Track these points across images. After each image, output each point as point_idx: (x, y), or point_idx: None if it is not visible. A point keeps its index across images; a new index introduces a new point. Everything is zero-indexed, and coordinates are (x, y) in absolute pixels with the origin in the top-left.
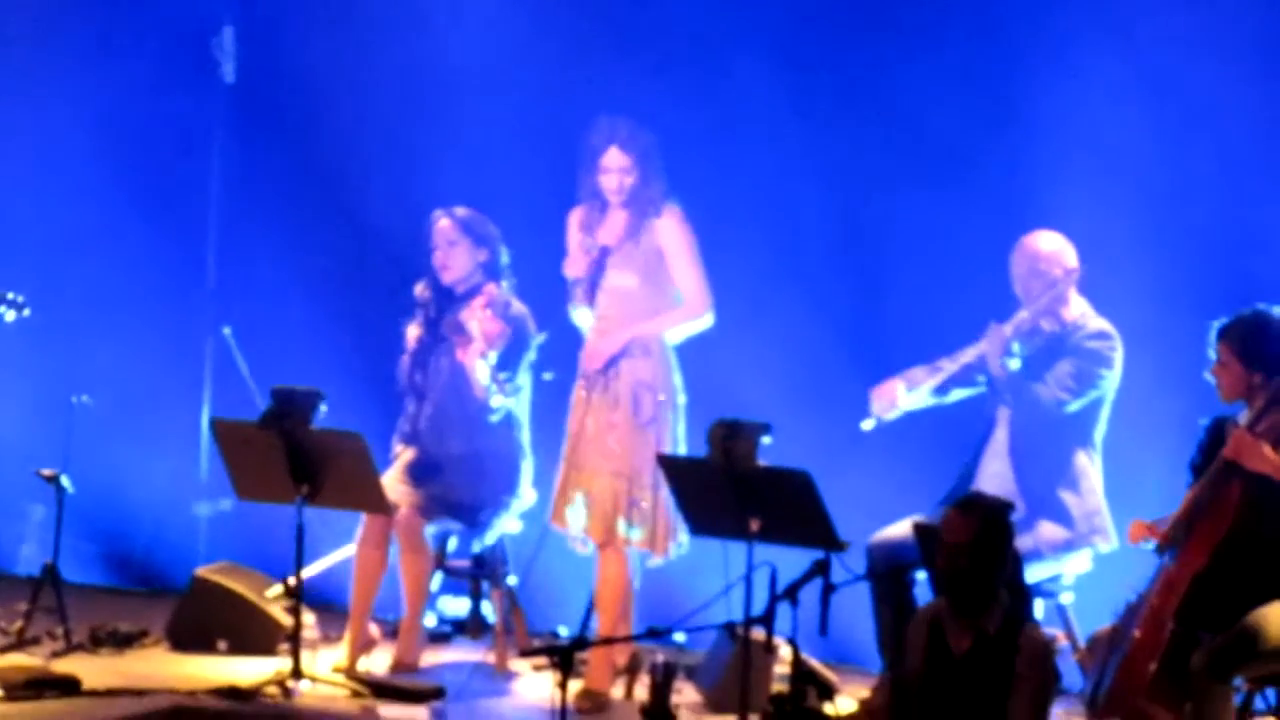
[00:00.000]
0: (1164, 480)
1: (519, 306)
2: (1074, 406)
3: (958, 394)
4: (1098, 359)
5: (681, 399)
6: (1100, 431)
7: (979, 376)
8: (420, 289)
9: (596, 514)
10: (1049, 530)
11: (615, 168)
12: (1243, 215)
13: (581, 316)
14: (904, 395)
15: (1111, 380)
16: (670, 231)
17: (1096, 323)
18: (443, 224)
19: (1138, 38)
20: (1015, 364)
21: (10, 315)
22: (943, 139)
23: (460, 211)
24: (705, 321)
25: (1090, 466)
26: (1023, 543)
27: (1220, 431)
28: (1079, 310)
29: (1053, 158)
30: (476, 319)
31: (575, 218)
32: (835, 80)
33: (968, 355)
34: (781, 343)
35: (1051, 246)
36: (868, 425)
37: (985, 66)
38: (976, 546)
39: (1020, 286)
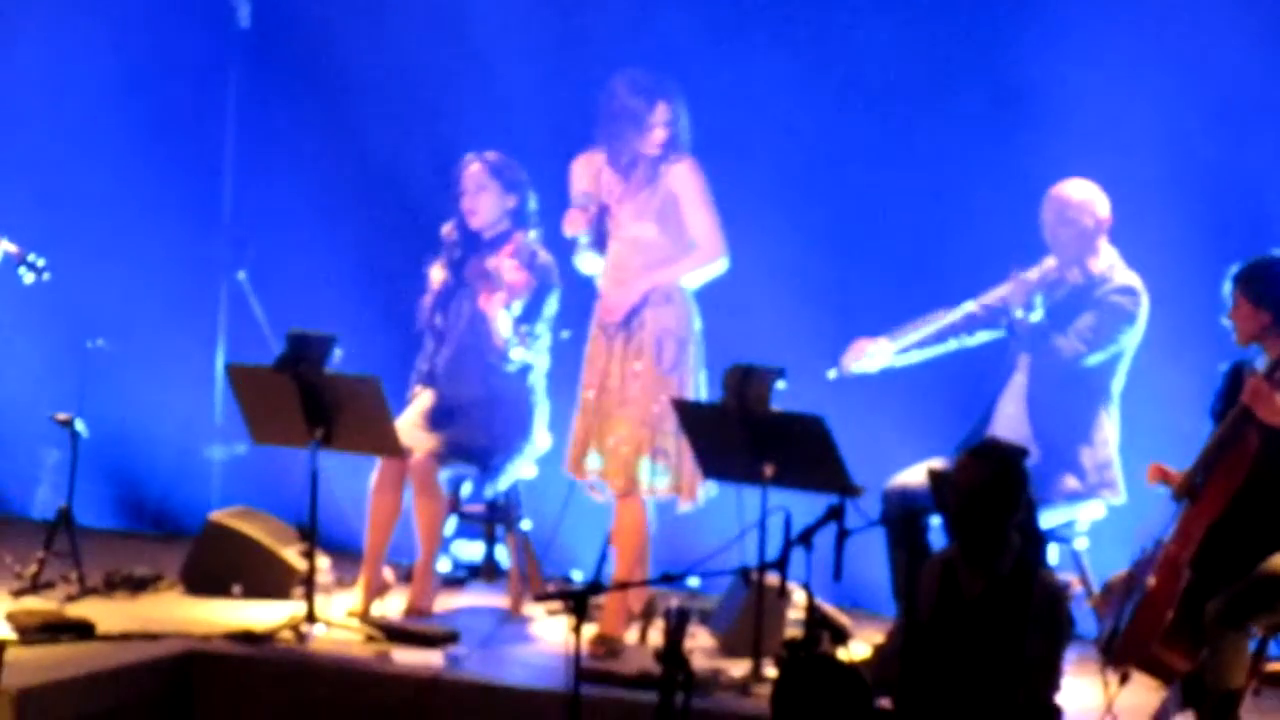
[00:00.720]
0: (1185, 432)
1: (545, 256)
2: (1093, 360)
3: (983, 335)
4: (1120, 313)
5: (700, 344)
6: (1119, 385)
7: (1003, 320)
8: (447, 230)
9: (618, 461)
10: (1066, 481)
11: (662, 122)
12: (1266, 162)
13: (588, 263)
14: (878, 346)
15: (1133, 336)
16: (684, 177)
17: (1124, 276)
18: (473, 168)
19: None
20: (1037, 315)
21: (29, 278)
22: (981, 84)
23: (491, 156)
24: (720, 266)
25: (1107, 420)
26: (1042, 492)
27: (1239, 376)
28: (1108, 262)
29: (1076, 105)
30: (503, 267)
31: (586, 168)
32: (857, 32)
33: (992, 297)
34: (800, 288)
35: (1082, 195)
36: (831, 374)
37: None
38: (990, 491)
39: (1049, 234)
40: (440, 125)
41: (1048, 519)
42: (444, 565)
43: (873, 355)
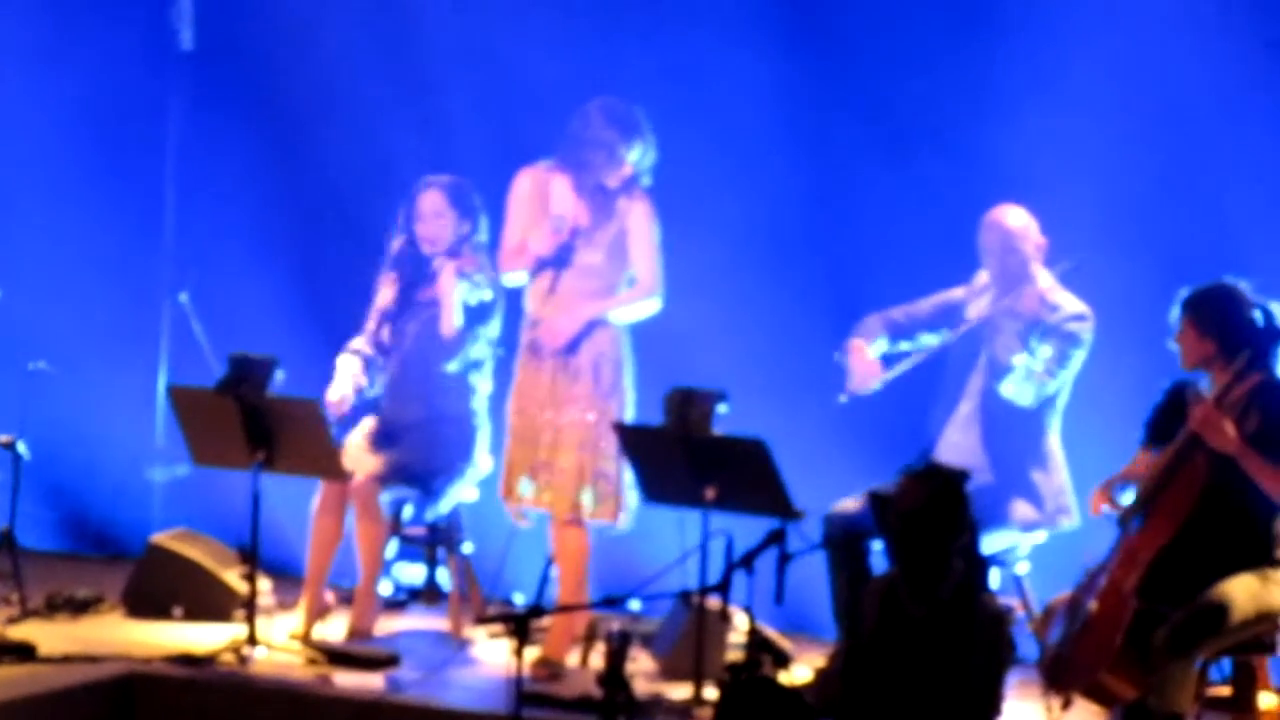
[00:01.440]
0: (1119, 448)
1: (491, 271)
2: (1051, 388)
3: (927, 339)
4: (1075, 341)
5: (632, 367)
6: (1063, 401)
7: (944, 331)
8: (397, 244)
9: (558, 488)
10: (1022, 509)
11: (634, 159)
12: (1206, 177)
13: (514, 279)
14: (872, 354)
15: (1080, 357)
16: (640, 215)
17: (1074, 305)
18: (431, 195)
19: (1103, 12)
20: (1046, 351)
21: None
22: (909, 109)
23: (445, 180)
24: (655, 305)
25: (1057, 442)
26: (995, 519)
27: (1180, 397)
28: (1047, 286)
29: (1016, 127)
30: (448, 269)
31: (530, 184)
32: (802, 51)
33: (953, 294)
34: (744, 313)
35: (1021, 221)
36: (843, 398)
37: (953, 34)
38: (931, 514)
39: (993, 261)
40: (382, 146)
41: (993, 542)
42: (385, 588)
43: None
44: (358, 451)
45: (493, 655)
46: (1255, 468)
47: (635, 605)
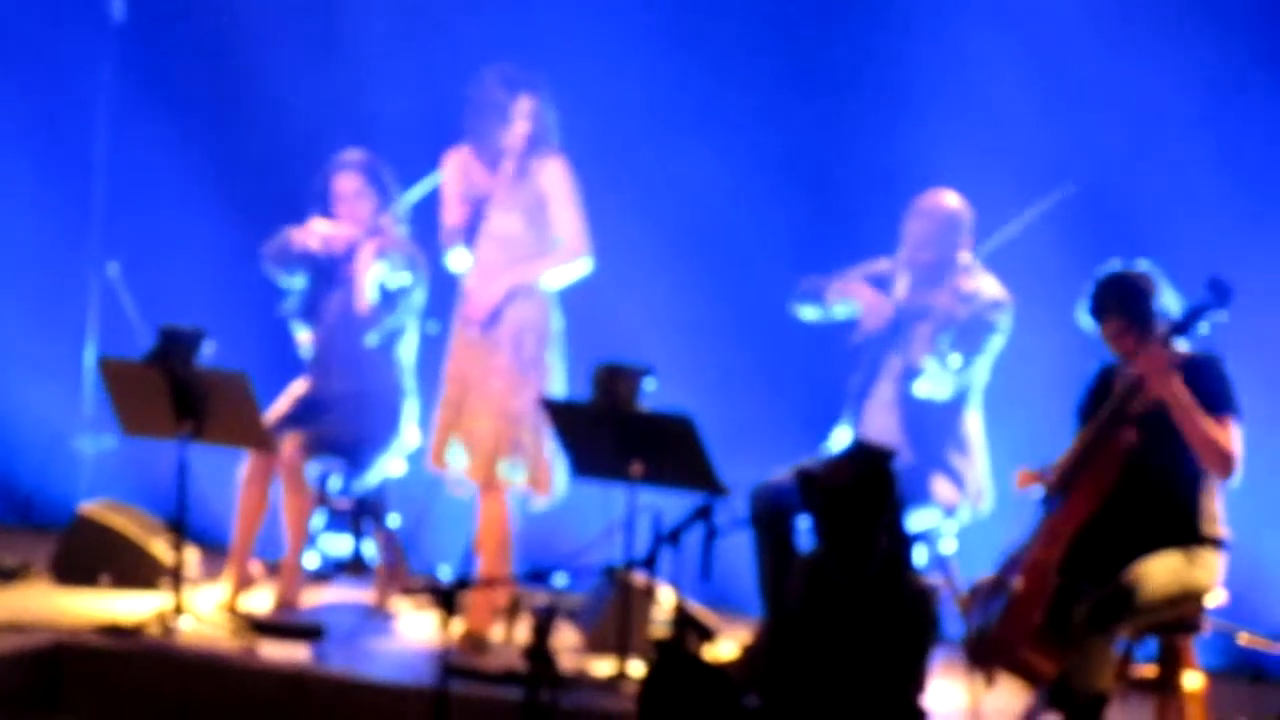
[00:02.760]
0: (1044, 432)
1: (411, 248)
2: (968, 377)
3: (844, 310)
4: (990, 329)
5: (560, 340)
6: (980, 384)
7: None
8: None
9: (478, 456)
10: (943, 489)
11: (525, 115)
12: (1116, 159)
13: (458, 260)
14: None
15: (998, 342)
16: (554, 175)
17: (991, 290)
18: (348, 176)
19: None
20: (956, 359)
21: None
22: (855, 79)
23: (358, 157)
24: (583, 267)
25: (976, 429)
26: (917, 497)
27: (1108, 379)
28: (965, 264)
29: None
30: (368, 247)
31: (455, 163)
32: (742, 18)
33: (879, 266)
34: (674, 286)
35: (945, 209)
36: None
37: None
38: (857, 492)
39: (926, 241)
40: (313, 117)
41: (918, 521)
42: (311, 560)
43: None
44: (278, 421)
45: (417, 628)
46: (1186, 419)
47: (561, 580)
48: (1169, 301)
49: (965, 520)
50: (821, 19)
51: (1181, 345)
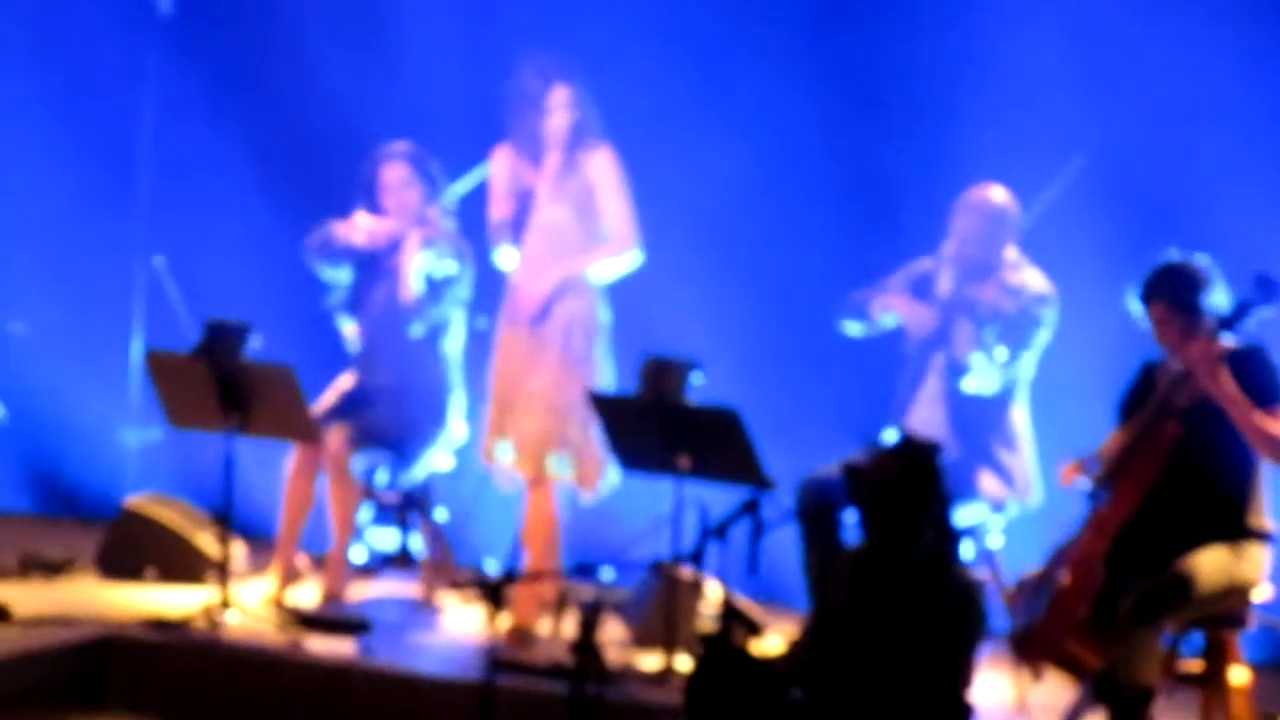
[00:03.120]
0: (1090, 424)
1: (458, 240)
2: (1014, 372)
3: (890, 320)
4: (1035, 321)
5: (607, 335)
6: (1028, 376)
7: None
8: (361, 219)
9: (526, 451)
10: (990, 483)
11: (561, 106)
12: (1169, 149)
13: (506, 257)
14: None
15: (1044, 336)
16: (602, 166)
17: (1036, 283)
18: (397, 167)
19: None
20: (1002, 352)
21: None
22: (903, 80)
23: (406, 148)
24: (633, 258)
25: (1023, 422)
26: (964, 493)
27: (1149, 375)
28: (1012, 260)
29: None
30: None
31: (502, 158)
32: (798, 17)
33: (922, 265)
34: (722, 280)
35: (1004, 200)
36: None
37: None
38: (903, 486)
39: (971, 236)
40: (359, 110)
41: (965, 516)
42: (358, 553)
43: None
44: (325, 414)
45: (464, 622)
46: (1239, 413)
47: (608, 574)
48: (1221, 298)
49: (1013, 515)
50: (866, 17)
51: (1228, 340)
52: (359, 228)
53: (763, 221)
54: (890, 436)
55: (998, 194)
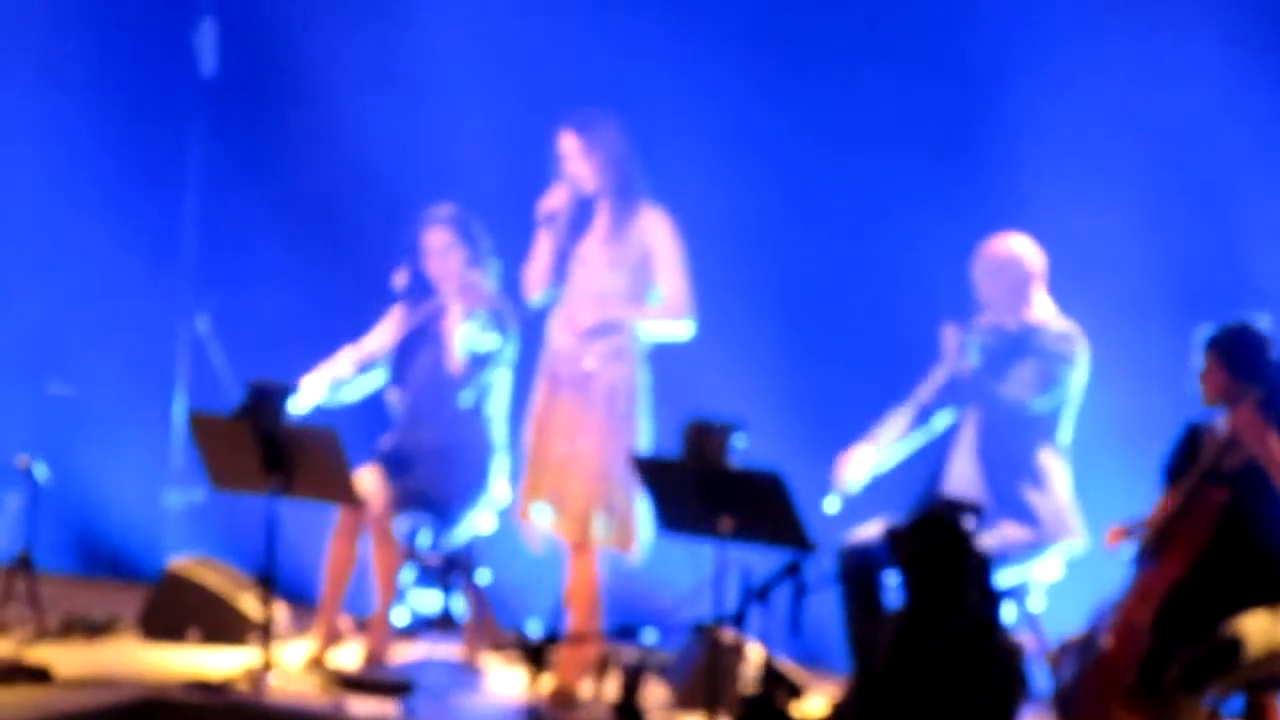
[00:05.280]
0: (1134, 483)
1: (500, 302)
2: (1039, 405)
3: (942, 419)
4: (1059, 358)
5: (647, 398)
6: (1066, 434)
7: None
8: (402, 277)
9: (570, 514)
10: (1012, 531)
11: (576, 154)
12: (1221, 215)
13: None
14: (862, 453)
15: (1076, 378)
16: (659, 232)
17: (1060, 324)
18: (439, 232)
19: (1115, 29)
20: (973, 358)
21: None
22: (934, 132)
23: (449, 212)
24: (684, 327)
25: (1056, 464)
26: (987, 543)
27: (1195, 437)
28: (1043, 312)
29: (1029, 155)
30: (455, 309)
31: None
32: (812, 81)
33: (939, 375)
34: (762, 342)
35: (1012, 249)
36: (832, 506)
37: (960, 60)
38: (930, 562)
39: (981, 289)
40: (405, 170)
41: (1005, 575)
42: (401, 615)
43: (861, 463)
44: (368, 476)
45: (507, 684)
46: None
47: (650, 636)
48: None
49: (1057, 573)
50: (926, 82)
51: None
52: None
53: (806, 280)
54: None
55: (1004, 241)
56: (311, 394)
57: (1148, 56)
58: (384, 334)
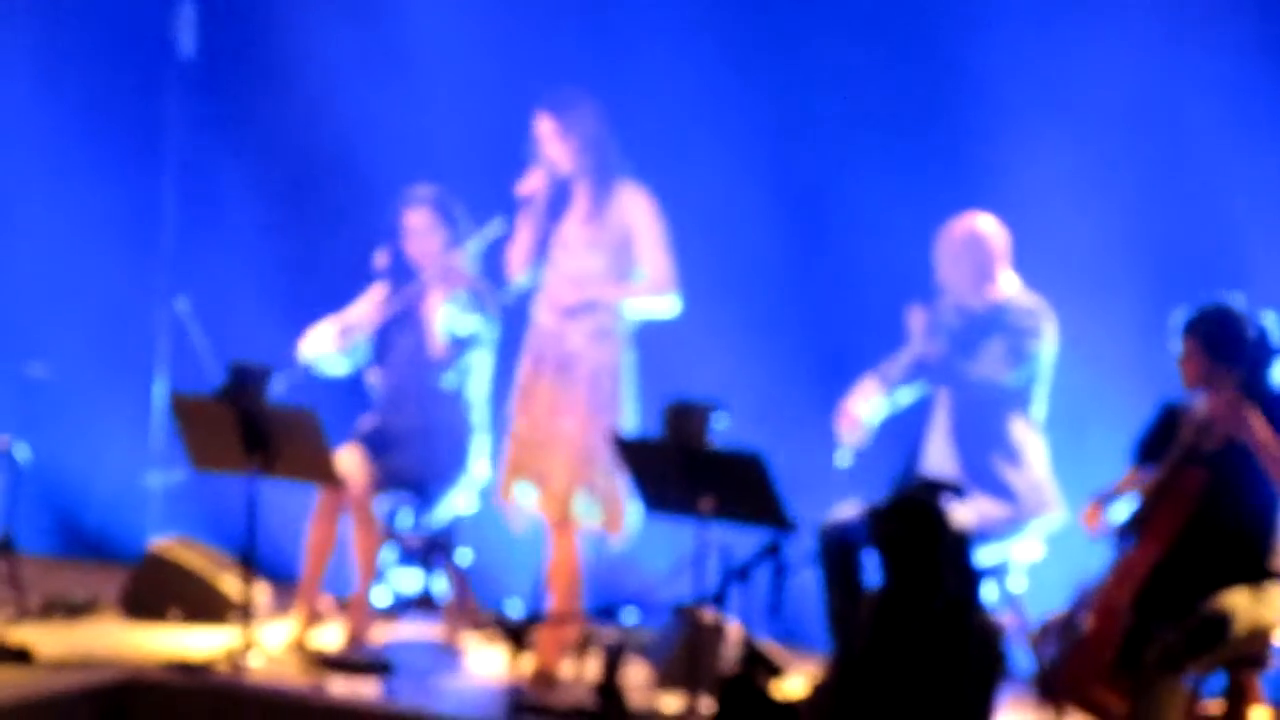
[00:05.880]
0: (1113, 461)
1: (480, 284)
2: (1011, 380)
3: (906, 393)
4: (1028, 333)
5: (632, 378)
6: (1040, 408)
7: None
8: (383, 258)
9: (552, 494)
10: (987, 507)
11: (552, 135)
12: (1196, 196)
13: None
14: (866, 411)
15: (1046, 351)
16: (640, 210)
17: (1025, 300)
18: (420, 213)
19: (1080, 7)
20: (942, 344)
21: None
22: (917, 122)
23: (430, 192)
24: (668, 303)
25: (1031, 438)
26: (966, 518)
27: (1171, 418)
28: (1009, 289)
29: (1005, 136)
30: (436, 293)
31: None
32: (793, 65)
33: (905, 356)
34: (742, 324)
35: (978, 228)
36: (844, 459)
37: (931, 43)
38: (905, 545)
39: (944, 270)
40: (384, 151)
41: (985, 553)
42: (381, 596)
43: (869, 399)
44: (348, 456)
45: (487, 664)
46: (1271, 457)
47: (631, 616)
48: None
49: (1037, 552)
50: (895, 64)
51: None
52: (370, 304)
53: (787, 261)
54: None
55: (966, 221)
56: (322, 341)
57: (1115, 34)
58: (366, 308)
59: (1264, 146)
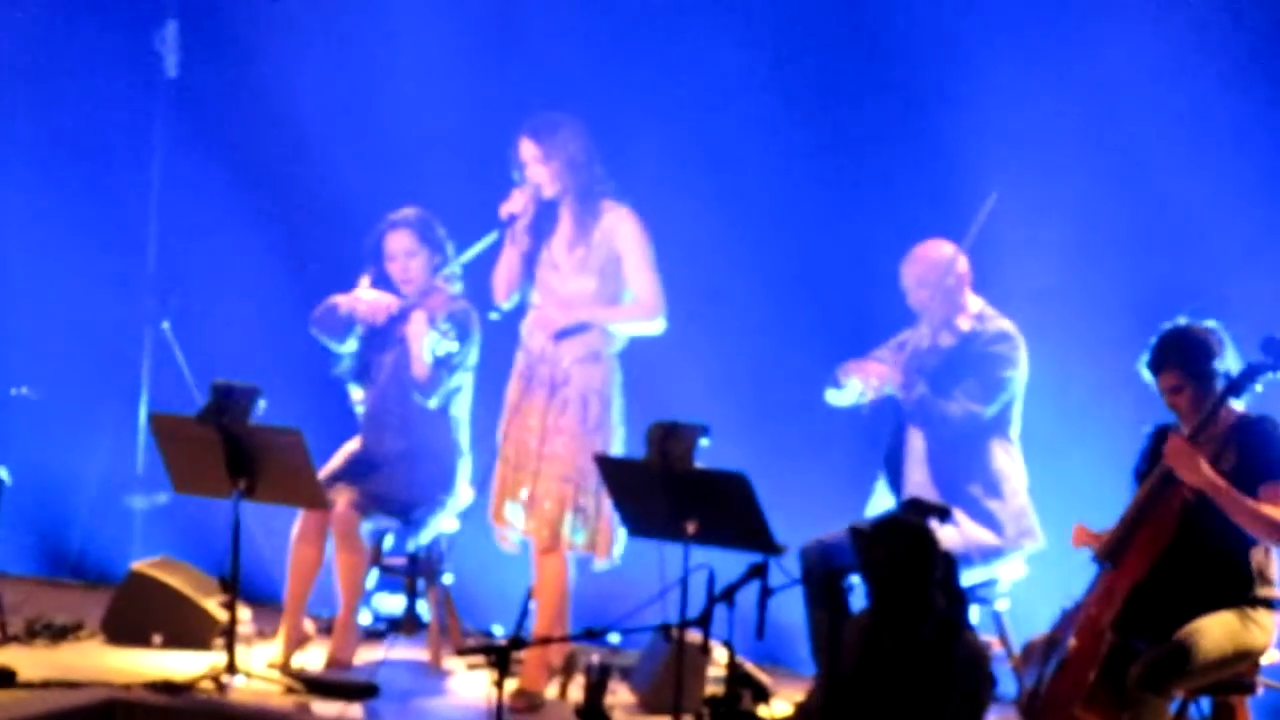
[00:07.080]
0: (1104, 486)
1: (463, 304)
2: (989, 413)
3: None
4: (1000, 361)
5: (621, 402)
6: (1015, 429)
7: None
8: (367, 280)
9: (542, 517)
10: (975, 533)
11: (533, 159)
12: (1179, 215)
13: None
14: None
15: (1019, 377)
16: (628, 234)
17: (994, 325)
18: (401, 235)
19: (1064, 26)
20: (921, 388)
21: None
22: (895, 140)
23: (411, 215)
24: (657, 325)
25: (1011, 465)
26: (952, 545)
27: (1163, 438)
28: (976, 312)
29: (988, 150)
30: (419, 316)
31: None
32: (789, 76)
33: (903, 336)
34: (725, 346)
35: (938, 254)
36: (836, 398)
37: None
38: (897, 568)
39: (914, 299)
40: (368, 173)
41: (969, 576)
42: (365, 618)
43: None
44: (332, 480)
45: (471, 687)
46: (1226, 501)
47: (615, 638)
48: (1231, 362)
49: (1020, 571)
50: (870, 89)
51: (1237, 405)
52: (361, 300)
53: (771, 284)
54: (882, 497)
55: (939, 245)
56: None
57: (1092, 59)
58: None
59: (1237, 170)
